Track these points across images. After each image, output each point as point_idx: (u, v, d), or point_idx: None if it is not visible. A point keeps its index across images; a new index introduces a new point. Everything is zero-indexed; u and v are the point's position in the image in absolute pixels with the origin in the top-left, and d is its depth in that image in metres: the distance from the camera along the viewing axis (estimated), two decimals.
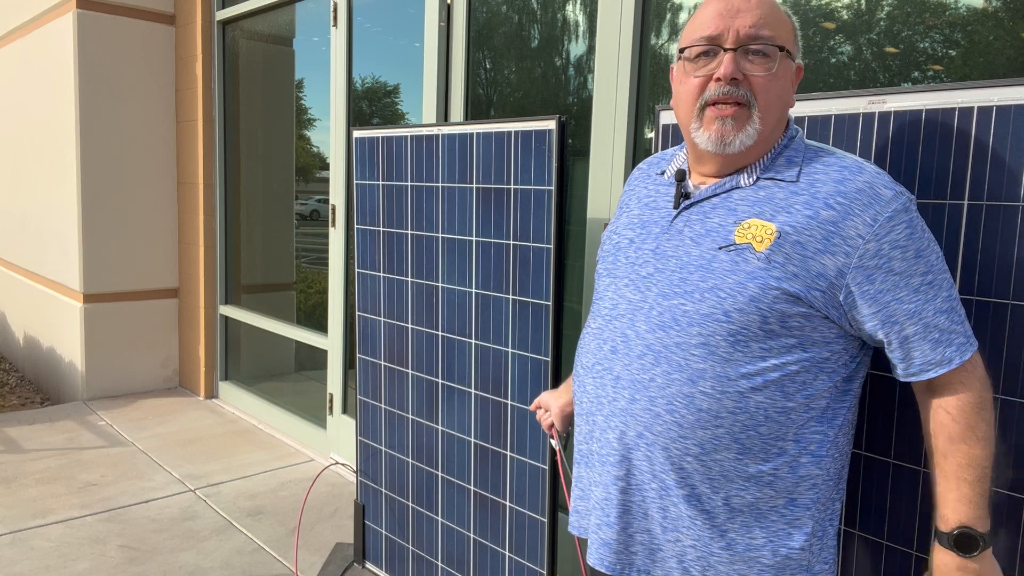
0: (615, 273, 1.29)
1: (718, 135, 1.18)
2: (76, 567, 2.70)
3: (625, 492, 1.25)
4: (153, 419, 4.32)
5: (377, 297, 2.56)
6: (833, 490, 1.23)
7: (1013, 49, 1.63)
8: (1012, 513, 1.26)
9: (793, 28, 1.23)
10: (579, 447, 1.36)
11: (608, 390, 1.25)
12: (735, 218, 1.18)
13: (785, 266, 1.12)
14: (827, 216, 1.12)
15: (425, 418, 2.43)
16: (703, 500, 1.19)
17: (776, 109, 1.19)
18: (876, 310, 1.13)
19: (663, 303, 1.19)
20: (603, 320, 1.28)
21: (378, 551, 2.69)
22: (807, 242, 1.12)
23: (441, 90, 3.00)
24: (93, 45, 4.44)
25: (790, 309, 1.12)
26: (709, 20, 1.19)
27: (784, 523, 1.19)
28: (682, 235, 1.22)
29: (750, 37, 1.16)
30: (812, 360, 1.15)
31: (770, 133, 1.20)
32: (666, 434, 1.18)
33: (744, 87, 1.17)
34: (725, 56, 1.17)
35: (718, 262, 1.16)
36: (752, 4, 1.17)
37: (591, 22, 2.50)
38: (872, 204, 1.12)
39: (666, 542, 1.24)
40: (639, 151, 2.35)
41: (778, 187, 1.18)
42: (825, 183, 1.15)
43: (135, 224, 4.70)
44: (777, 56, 1.17)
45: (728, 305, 1.14)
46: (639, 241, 1.28)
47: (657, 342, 1.19)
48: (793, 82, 1.24)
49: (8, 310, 5.93)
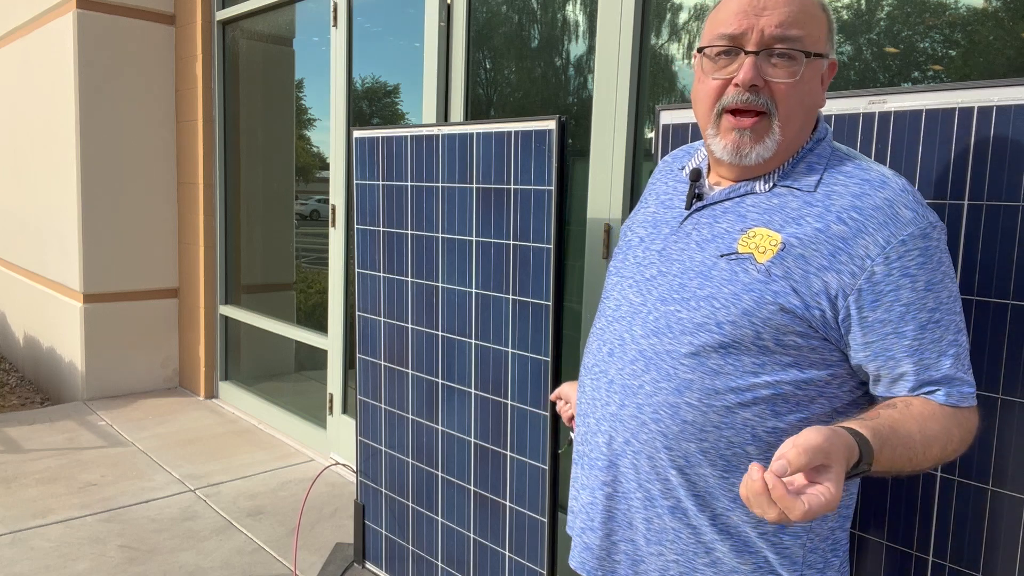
0: (622, 272, 1.25)
1: (734, 146, 1.10)
2: (76, 567, 2.70)
3: (611, 498, 1.22)
4: (153, 419, 4.32)
5: (377, 297, 2.56)
6: (833, 518, 1.16)
7: (1013, 49, 1.63)
8: (1012, 513, 1.26)
9: (827, 22, 1.12)
10: (576, 447, 1.34)
11: (602, 393, 1.21)
12: (743, 225, 1.11)
13: (785, 280, 1.05)
14: (838, 231, 1.04)
15: (425, 418, 2.43)
16: (689, 515, 1.14)
17: (799, 117, 1.10)
18: (871, 340, 1.05)
19: (660, 308, 1.15)
20: (605, 321, 1.25)
21: (378, 551, 2.69)
22: (811, 256, 1.05)
23: (441, 90, 3.00)
24: (93, 45, 4.44)
25: (786, 326, 1.05)
26: (732, 17, 1.08)
27: (774, 552, 1.12)
28: (689, 238, 1.17)
29: (775, 38, 1.06)
30: (809, 382, 1.08)
31: (792, 141, 1.12)
32: (651, 443, 1.14)
33: (765, 94, 1.08)
34: (746, 60, 1.07)
35: (717, 270, 1.10)
36: (780, 0, 1.07)
37: (591, 22, 2.50)
38: (888, 224, 1.03)
39: (649, 554, 1.19)
40: (639, 151, 2.35)
41: (793, 196, 1.10)
42: (843, 196, 1.07)
43: (135, 224, 4.70)
44: (803, 61, 1.07)
45: (721, 316, 1.08)
46: (648, 240, 1.23)
47: (649, 348, 1.14)
48: (824, 80, 1.14)
49: (8, 310, 5.93)
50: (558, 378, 2.06)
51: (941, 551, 1.33)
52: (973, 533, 1.30)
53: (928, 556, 1.35)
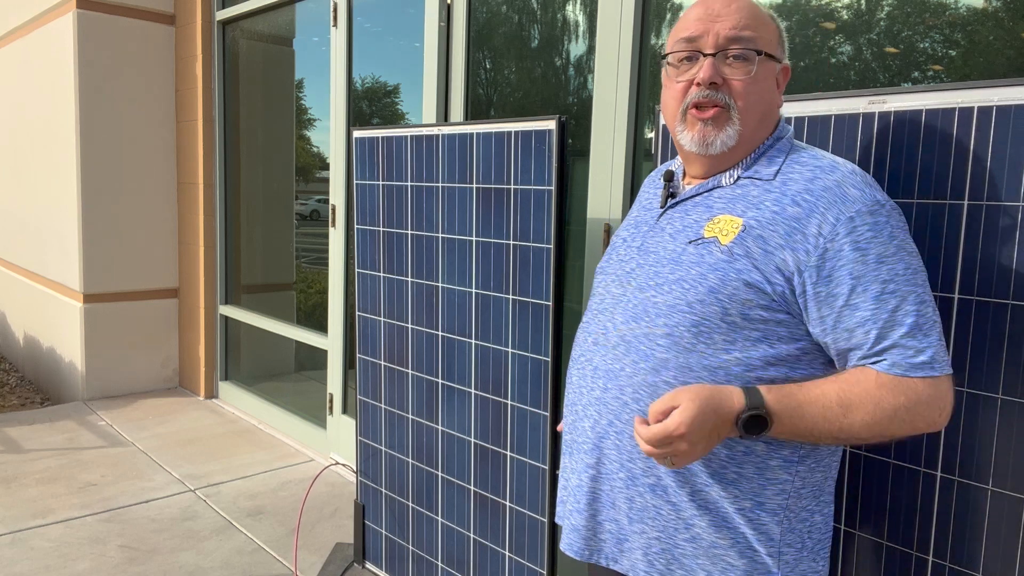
0: (606, 270, 1.34)
1: (700, 136, 1.20)
2: (76, 567, 2.70)
3: (595, 480, 1.28)
4: (153, 419, 4.32)
5: (377, 297, 2.56)
6: (811, 500, 1.21)
7: (1013, 49, 1.63)
8: (1012, 513, 1.26)
9: (777, 30, 1.24)
10: (564, 437, 1.39)
11: (588, 380, 1.28)
12: (710, 214, 1.21)
13: (746, 259, 1.13)
14: (792, 212, 1.13)
15: (425, 418, 2.43)
16: (669, 492, 1.19)
17: (756, 111, 1.20)
18: (825, 314, 1.11)
19: (639, 295, 1.23)
20: (591, 315, 1.33)
21: (378, 551, 2.69)
22: (769, 236, 1.13)
23: (441, 90, 3.00)
24: (93, 45, 4.44)
25: (750, 300, 1.12)
26: (690, 23, 1.21)
27: (751, 528, 1.17)
28: (663, 232, 1.26)
29: (729, 40, 1.18)
30: (779, 358, 1.14)
31: (752, 134, 1.21)
32: (632, 423, 1.20)
33: (724, 91, 1.19)
34: (705, 61, 1.18)
35: (686, 255, 1.19)
36: (732, 8, 1.19)
37: (591, 22, 2.50)
38: (837, 203, 1.11)
39: (632, 533, 1.24)
40: (639, 151, 2.35)
41: (755, 185, 1.20)
42: (797, 181, 1.16)
43: (135, 224, 4.70)
44: (756, 60, 1.18)
45: (691, 296, 1.15)
46: (630, 240, 1.33)
47: (629, 332, 1.22)
48: (779, 83, 1.25)
49: (8, 310, 5.93)
50: (558, 378, 2.06)
51: (941, 551, 1.33)
52: (973, 533, 1.30)
53: (928, 556, 1.35)
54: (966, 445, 1.29)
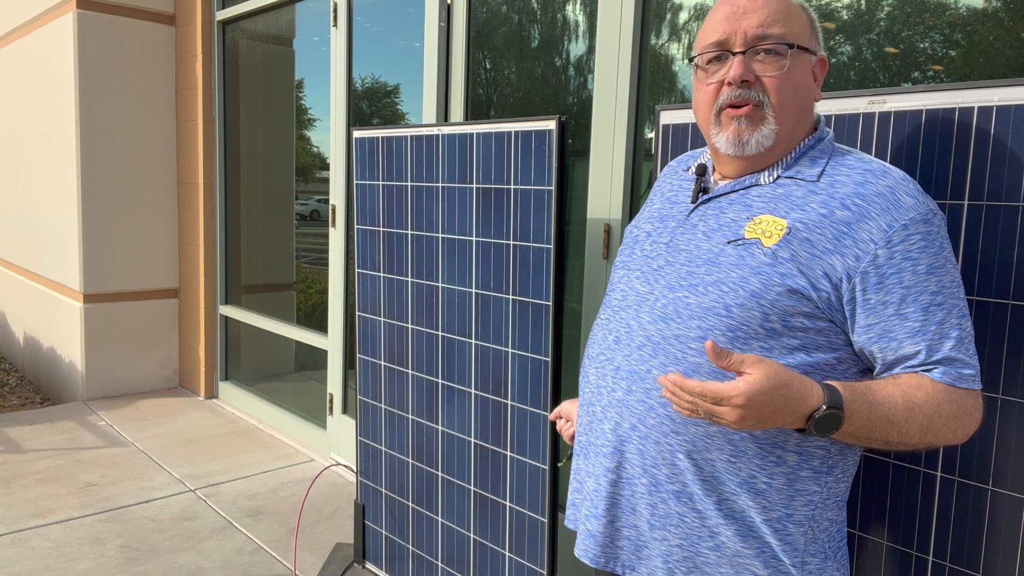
0: (629, 265, 1.29)
1: (735, 135, 1.16)
2: (76, 567, 2.70)
3: (615, 485, 1.23)
4: (153, 419, 4.32)
5: (377, 297, 2.56)
6: (835, 511, 1.19)
7: (1013, 49, 1.63)
8: (1012, 513, 1.26)
9: (808, 20, 1.19)
10: (579, 438, 1.34)
11: (608, 380, 1.23)
12: (749, 214, 1.16)
13: (791, 262, 1.08)
14: (841, 216, 1.08)
15: (425, 418, 2.43)
16: (695, 499, 1.15)
17: (793, 106, 1.16)
18: (873, 322, 1.08)
19: (668, 295, 1.18)
20: (611, 311, 1.28)
21: (378, 551, 2.69)
22: (817, 240, 1.08)
23: (441, 90, 3.00)
24: (93, 45, 4.44)
25: (793, 307, 1.08)
26: (717, 24, 1.17)
27: (777, 538, 1.14)
28: (696, 229, 1.20)
29: (757, 38, 1.14)
30: (816, 366, 1.10)
31: (790, 132, 1.17)
32: (659, 427, 1.16)
33: (757, 88, 1.14)
34: (734, 60, 1.14)
35: (725, 256, 1.14)
36: (759, 3, 1.14)
37: (591, 22, 2.50)
38: (890, 210, 1.07)
39: (652, 540, 1.21)
40: (639, 151, 2.35)
41: (797, 185, 1.15)
42: (845, 184, 1.11)
43: (135, 224, 4.70)
44: (788, 53, 1.14)
45: (729, 299, 1.10)
46: (656, 235, 1.27)
47: (657, 333, 1.17)
48: (816, 76, 1.20)
49: (8, 310, 5.93)
50: (558, 378, 2.06)
51: (941, 551, 1.33)
52: (973, 533, 1.30)
53: (928, 556, 1.35)
54: (966, 445, 1.29)
